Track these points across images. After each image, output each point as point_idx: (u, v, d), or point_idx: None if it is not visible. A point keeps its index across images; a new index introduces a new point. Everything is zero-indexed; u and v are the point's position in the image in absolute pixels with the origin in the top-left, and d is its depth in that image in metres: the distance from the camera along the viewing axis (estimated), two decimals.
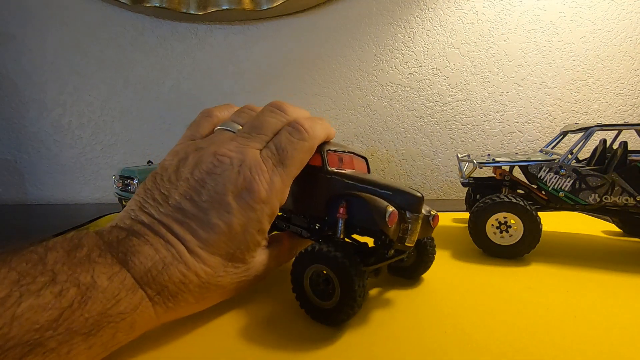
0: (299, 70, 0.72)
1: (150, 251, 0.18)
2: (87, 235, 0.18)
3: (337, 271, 0.20)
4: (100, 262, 0.16)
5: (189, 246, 0.19)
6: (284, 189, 0.23)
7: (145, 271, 0.17)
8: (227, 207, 0.20)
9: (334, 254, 0.21)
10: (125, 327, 0.16)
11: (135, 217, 0.20)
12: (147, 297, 0.17)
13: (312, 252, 0.22)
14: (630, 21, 0.67)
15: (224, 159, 0.21)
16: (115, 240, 0.18)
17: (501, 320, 0.22)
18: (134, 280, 0.17)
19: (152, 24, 0.71)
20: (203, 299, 0.20)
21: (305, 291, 0.22)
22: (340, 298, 0.20)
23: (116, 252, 0.17)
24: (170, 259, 0.18)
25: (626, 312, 0.23)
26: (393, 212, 0.21)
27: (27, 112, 0.72)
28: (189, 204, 0.20)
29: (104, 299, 0.16)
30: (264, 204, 0.21)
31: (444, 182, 0.73)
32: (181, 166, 0.22)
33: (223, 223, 0.20)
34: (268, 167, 0.22)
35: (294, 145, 0.23)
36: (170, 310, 0.19)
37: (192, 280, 0.19)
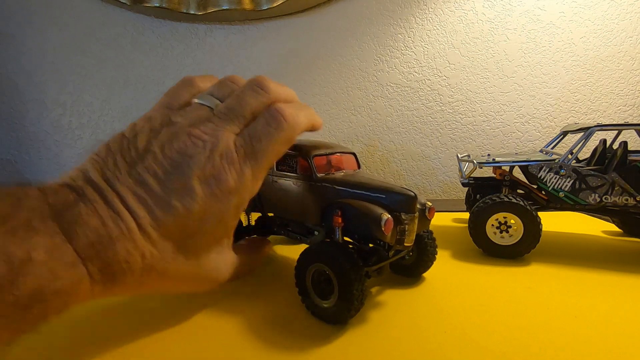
0: (299, 70, 0.72)
1: (97, 223, 0.16)
2: (29, 195, 0.16)
3: (337, 272, 0.21)
4: (41, 230, 0.15)
5: (140, 223, 0.18)
6: (255, 181, 0.21)
7: (89, 244, 0.16)
8: (191, 192, 0.19)
9: (336, 254, 0.21)
10: (57, 305, 0.15)
11: (89, 179, 0.18)
12: (88, 274, 0.16)
13: (315, 251, 0.22)
14: (630, 21, 0.67)
15: (197, 141, 0.20)
16: (61, 204, 0.16)
17: (501, 320, 0.22)
18: (75, 254, 0.15)
19: (152, 24, 0.71)
20: (142, 283, 0.18)
21: (307, 288, 0.22)
22: (339, 298, 0.21)
23: (60, 219, 0.16)
24: (118, 233, 0.17)
25: (626, 312, 0.23)
26: (388, 220, 0.21)
27: (27, 112, 0.72)
28: (151, 179, 0.18)
29: (40, 275, 0.14)
30: (231, 195, 0.20)
31: (444, 182, 0.73)
32: (152, 137, 0.20)
33: (182, 206, 0.19)
34: (239, 156, 0.20)
35: (269, 136, 0.21)
36: (107, 290, 0.17)
37: (136, 260, 0.17)
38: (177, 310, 0.24)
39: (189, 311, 0.24)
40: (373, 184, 0.23)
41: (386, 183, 0.23)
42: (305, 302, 0.23)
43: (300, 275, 0.23)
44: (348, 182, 0.24)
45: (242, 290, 0.27)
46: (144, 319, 0.23)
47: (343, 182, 0.24)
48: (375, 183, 0.23)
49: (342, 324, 0.21)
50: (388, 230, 0.21)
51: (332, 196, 0.24)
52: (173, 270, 0.19)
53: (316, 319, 0.22)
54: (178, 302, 0.25)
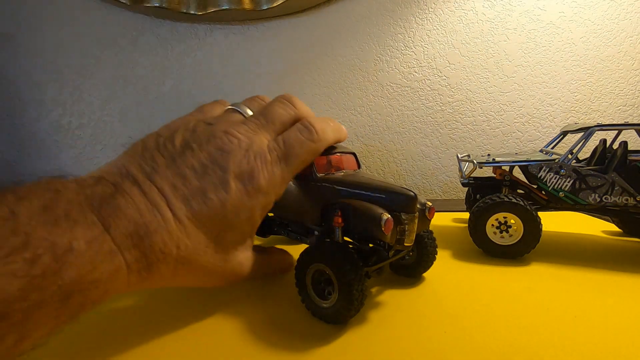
0: (299, 70, 0.72)
1: (135, 214, 0.17)
2: (67, 187, 0.16)
3: (337, 272, 0.20)
4: (80, 221, 0.15)
5: (177, 213, 0.18)
6: (282, 184, 0.23)
7: (127, 235, 0.16)
8: (226, 186, 0.20)
9: (336, 254, 0.21)
10: (96, 294, 0.15)
11: (127, 173, 0.19)
12: (125, 264, 0.16)
13: (315, 251, 0.22)
14: (630, 21, 0.67)
15: (233, 139, 0.21)
16: (98, 197, 0.16)
17: (501, 320, 0.22)
18: (113, 245, 0.16)
19: (152, 24, 0.71)
20: (175, 275, 0.19)
21: (307, 288, 0.22)
22: (339, 299, 0.21)
23: (98, 211, 0.16)
24: (155, 225, 0.17)
25: (626, 312, 0.23)
26: (388, 220, 0.21)
27: (27, 112, 0.71)
28: (189, 172, 0.19)
29: (80, 265, 0.14)
30: (261, 194, 0.21)
31: (444, 182, 0.73)
32: (188, 137, 0.21)
33: (218, 199, 0.20)
34: (272, 158, 0.22)
35: (301, 144, 0.23)
36: (143, 280, 0.18)
37: (171, 251, 0.18)
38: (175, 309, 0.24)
39: (188, 310, 0.24)
40: (373, 183, 0.23)
41: (386, 183, 0.23)
42: (305, 302, 0.23)
43: (300, 275, 0.23)
44: (348, 182, 0.24)
45: (241, 288, 0.27)
46: (142, 318, 0.23)
47: (343, 182, 0.24)
48: (374, 183, 0.23)
49: (342, 324, 0.21)
50: (388, 230, 0.21)
51: (331, 196, 0.24)
52: (203, 262, 0.20)
53: (316, 319, 0.22)
54: (176, 301, 0.25)
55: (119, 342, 0.20)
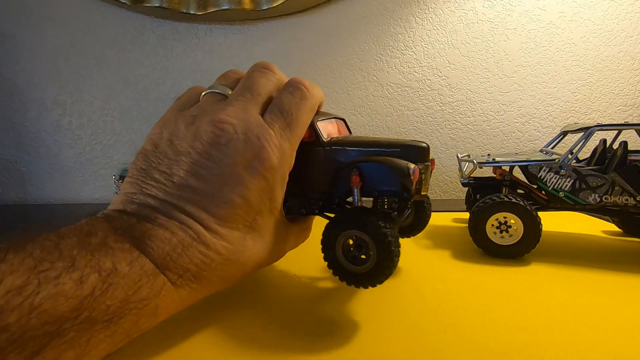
0: (299, 70, 0.72)
1: (167, 234, 0.17)
2: (98, 222, 0.17)
3: (375, 235, 0.21)
4: (118, 247, 0.16)
5: (206, 224, 0.18)
6: (292, 153, 0.22)
7: (164, 255, 0.17)
8: (240, 180, 0.19)
9: (371, 218, 0.21)
10: (148, 312, 0.16)
11: (141, 201, 0.18)
12: (169, 282, 0.17)
13: (346, 219, 0.22)
14: (630, 21, 0.67)
15: (225, 126, 0.19)
16: (127, 226, 0.17)
17: (501, 320, 0.22)
18: (153, 266, 0.16)
19: (152, 24, 0.71)
20: (226, 276, 0.19)
21: (337, 257, 0.22)
22: (378, 260, 0.21)
23: (131, 238, 0.16)
24: (189, 240, 0.17)
25: (626, 312, 0.23)
26: (415, 169, 0.21)
27: (27, 112, 0.71)
28: (196, 180, 0.19)
29: (126, 285, 0.15)
30: (275, 171, 0.20)
31: (444, 182, 0.73)
32: (174, 139, 0.20)
33: (238, 197, 0.19)
34: (275, 131, 0.21)
35: (297, 106, 0.22)
36: (194, 292, 0.18)
37: (214, 259, 0.18)
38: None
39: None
40: (385, 140, 0.24)
41: (395, 138, 0.24)
42: (339, 274, 0.22)
43: (328, 247, 0.22)
44: (359, 142, 0.24)
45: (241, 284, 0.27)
46: None
47: (354, 143, 0.24)
48: (386, 139, 0.24)
49: (379, 284, 0.22)
50: (415, 178, 0.21)
51: (344, 159, 0.24)
52: (247, 256, 0.20)
53: (314, 317, 0.22)
54: None
55: None
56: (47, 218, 0.59)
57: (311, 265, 0.31)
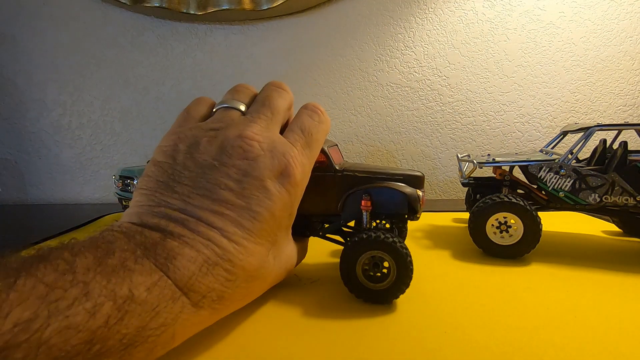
0: (299, 70, 0.72)
1: (192, 253, 0.16)
2: (116, 238, 0.16)
3: (395, 254, 0.23)
4: (137, 270, 0.15)
5: (234, 239, 0.18)
6: (309, 172, 0.23)
7: (190, 276, 0.16)
8: (268, 194, 0.19)
9: (392, 239, 0.23)
10: (164, 339, 0.15)
11: (162, 215, 0.18)
12: (190, 304, 0.16)
13: (367, 240, 0.23)
14: (630, 21, 0.67)
15: (253, 143, 0.20)
16: (150, 243, 0.16)
17: (501, 320, 0.22)
18: (175, 288, 0.15)
19: (152, 24, 0.71)
20: (248, 294, 0.19)
21: (357, 278, 0.24)
22: (397, 277, 0.23)
23: (153, 257, 0.16)
24: (215, 258, 0.17)
25: (626, 312, 0.23)
26: (423, 195, 0.25)
27: (27, 112, 0.72)
28: (225, 192, 0.18)
29: (143, 312, 0.14)
30: (298, 187, 0.21)
31: (444, 182, 0.73)
32: (195, 152, 0.20)
33: (265, 210, 0.19)
34: (298, 150, 0.22)
35: (317, 128, 0.23)
36: (215, 312, 0.18)
37: (239, 275, 0.18)
38: None
39: None
40: (387, 170, 0.27)
41: (393, 167, 0.27)
42: (355, 291, 0.24)
43: (349, 267, 0.24)
44: (368, 170, 0.26)
45: None
46: None
47: (364, 171, 0.26)
48: (388, 169, 0.27)
49: (395, 299, 0.24)
50: (423, 202, 0.25)
51: (354, 184, 0.26)
52: (269, 272, 0.20)
53: (312, 317, 0.22)
54: None
55: None
56: (47, 218, 0.59)
57: (311, 266, 0.31)
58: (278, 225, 0.20)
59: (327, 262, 0.33)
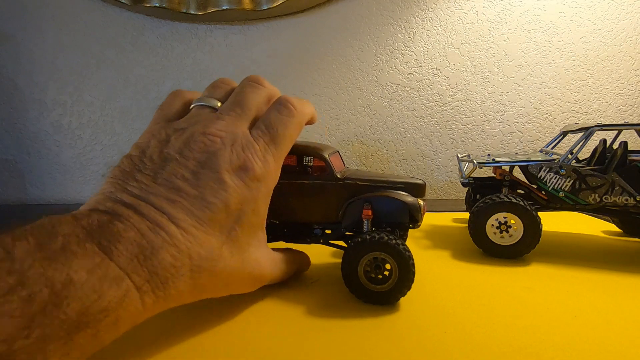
0: (299, 70, 0.72)
1: (137, 236, 0.17)
2: (62, 222, 0.16)
3: (397, 255, 0.23)
4: (79, 253, 0.15)
5: (182, 226, 0.18)
6: (277, 168, 0.23)
7: (131, 257, 0.16)
8: (223, 185, 0.19)
9: (395, 241, 0.23)
10: (108, 325, 0.15)
11: (117, 199, 0.18)
12: (135, 287, 0.16)
13: (369, 242, 0.23)
14: (630, 21, 0.67)
15: (214, 138, 0.20)
16: (96, 226, 0.16)
17: (501, 320, 0.22)
18: (118, 270, 0.15)
19: (152, 24, 0.71)
20: (196, 286, 0.19)
21: (359, 279, 0.24)
22: (399, 279, 0.23)
23: (97, 239, 0.16)
24: (160, 242, 0.17)
25: (626, 312, 0.23)
26: (424, 205, 0.25)
27: (27, 112, 0.71)
28: (181, 182, 0.19)
29: (83, 295, 0.14)
30: (259, 182, 0.21)
31: (444, 182, 0.73)
32: (163, 147, 0.20)
33: (219, 201, 0.19)
34: (260, 146, 0.21)
35: (283, 123, 0.23)
36: (159, 300, 0.17)
37: (185, 263, 0.18)
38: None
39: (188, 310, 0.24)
40: (391, 177, 0.27)
41: (395, 175, 0.27)
42: (357, 293, 0.24)
43: (350, 269, 0.24)
44: (369, 178, 0.26)
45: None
46: None
47: (365, 179, 0.26)
48: (391, 177, 0.27)
49: (396, 301, 0.24)
50: (424, 212, 0.25)
51: (355, 192, 0.26)
52: (221, 267, 0.20)
53: (311, 317, 0.22)
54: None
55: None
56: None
57: (312, 266, 0.31)
58: (235, 218, 0.20)
59: (328, 262, 0.33)
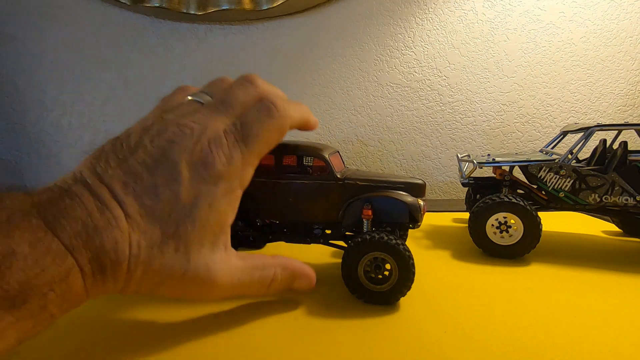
0: (298, 70, 0.72)
1: (83, 214, 0.17)
2: (12, 196, 0.16)
3: (397, 256, 0.23)
4: (23, 226, 0.15)
5: (128, 210, 0.18)
6: (245, 167, 0.21)
7: (75, 234, 0.16)
8: (177, 176, 0.19)
9: (395, 241, 0.23)
10: (55, 298, 0.15)
11: (80, 178, 0.18)
12: (77, 266, 0.16)
13: (369, 242, 0.23)
14: (630, 21, 0.67)
15: (185, 129, 0.20)
16: (45, 201, 0.16)
17: (501, 320, 0.22)
18: (62, 246, 0.15)
19: (152, 24, 0.71)
20: (131, 279, 0.18)
21: (359, 279, 0.24)
22: (399, 279, 0.23)
23: (44, 214, 0.16)
24: (104, 223, 0.17)
25: (626, 312, 0.23)
26: (424, 205, 0.25)
27: (27, 112, 0.71)
28: (140, 168, 0.19)
29: (26, 267, 0.14)
30: (220, 179, 0.20)
31: (444, 182, 0.73)
32: (143, 133, 0.20)
33: (170, 191, 0.19)
34: (229, 141, 0.21)
35: (261, 123, 0.22)
36: (98, 284, 0.17)
37: (124, 250, 0.17)
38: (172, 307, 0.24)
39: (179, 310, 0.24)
40: (391, 177, 0.27)
41: (395, 175, 0.27)
42: (357, 292, 0.24)
43: (350, 270, 0.24)
44: (370, 178, 0.26)
45: None
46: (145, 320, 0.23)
47: (365, 179, 0.26)
48: (391, 177, 0.27)
49: (396, 301, 0.24)
50: (424, 212, 0.25)
51: (355, 192, 0.26)
52: (162, 262, 0.19)
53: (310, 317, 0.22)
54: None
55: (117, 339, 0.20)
56: None
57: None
58: (186, 212, 0.19)
59: (328, 262, 0.33)
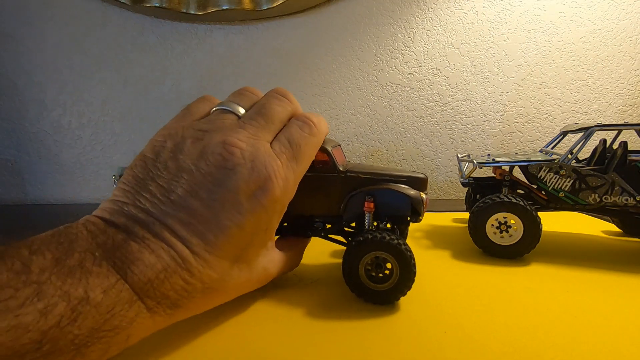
0: (299, 70, 0.72)
1: (152, 258, 0.16)
2: (79, 237, 0.16)
3: (398, 255, 0.23)
4: (95, 271, 0.15)
5: (195, 250, 0.17)
6: (295, 186, 0.22)
7: (146, 282, 0.16)
8: (239, 208, 0.18)
9: (396, 241, 0.23)
10: (119, 340, 0.15)
11: (130, 214, 0.18)
12: (146, 308, 0.16)
13: (370, 241, 0.23)
14: (630, 21, 0.67)
15: (234, 150, 0.19)
16: (111, 244, 0.16)
17: (501, 320, 0.22)
18: (132, 292, 0.15)
19: (152, 24, 0.71)
20: (205, 304, 0.19)
21: (360, 278, 0.24)
22: (400, 278, 0.23)
23: (112, 259, 0.16)
24: (174, 266, 0.17)
25: (626, 312, 0.23)
26: (427, 198, 0.25)
27: (27, 112, 0.71)
28: (195, 201, 0.18)
29: (97, 314, 0.14)
30: (277, 203, 0.20)
31: (444, 182, 0.73)
32: (178, 152, 0.19)
33: (234, 225, 0.18)
34: (282, 162, 0.20)
35: (306, 141, 0.22)
36: (169, 317, 0.18)
37: (196, 287, 0.18)
38: None
39: None
40: (391, 171, 0.27)
41: (398, 169, 0.27)
42: (357, 291, 0.24)
43: (351, 269, 0.24)
44: (372, 172, 0.26)
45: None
46: None
47: (367, 172, 0.26)
48: (393, 170, 0.27)
49: (396, 300, 0.24)
50: (426, 205, 0.25)
51: (357, 185, 0.26)
52: (232, 284, 0.20)
53: (308, 317, 0.22)
54: None
55: None
56: (47, 218, 0.59)
57: (312, 266, 0.31)
58: (248, 241, 0.20)
59: (328, 262, 0.33)
